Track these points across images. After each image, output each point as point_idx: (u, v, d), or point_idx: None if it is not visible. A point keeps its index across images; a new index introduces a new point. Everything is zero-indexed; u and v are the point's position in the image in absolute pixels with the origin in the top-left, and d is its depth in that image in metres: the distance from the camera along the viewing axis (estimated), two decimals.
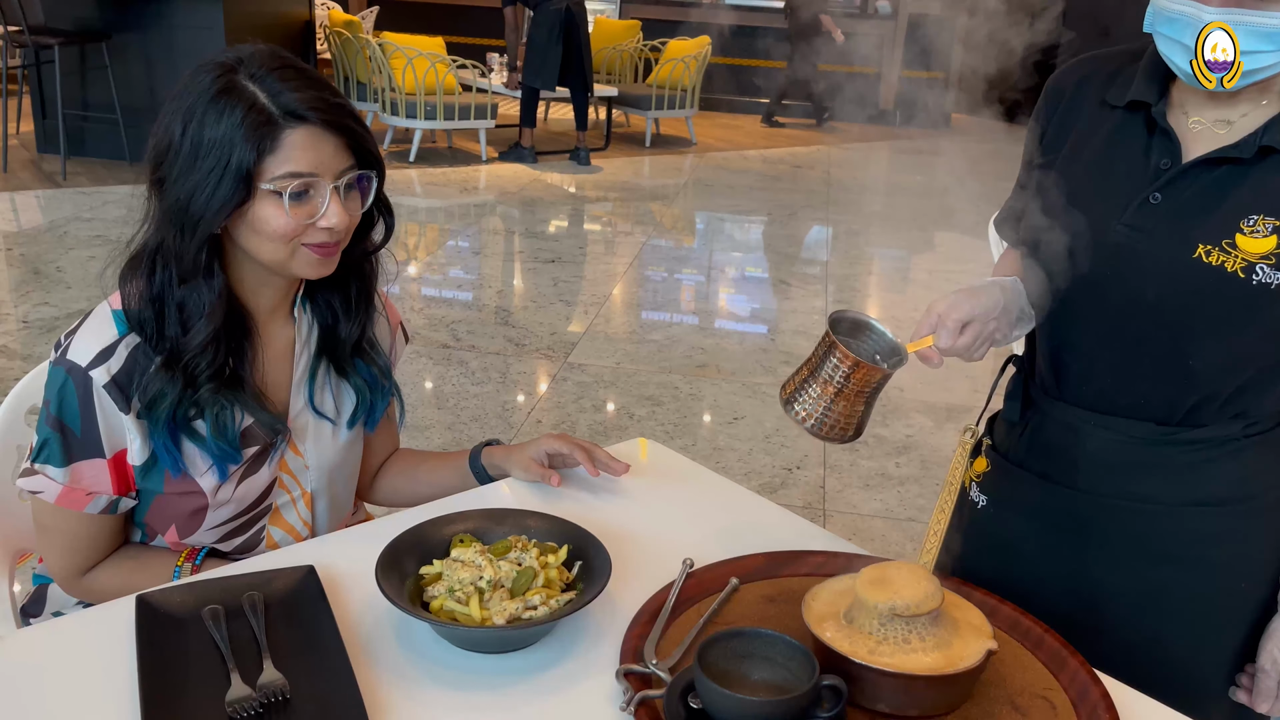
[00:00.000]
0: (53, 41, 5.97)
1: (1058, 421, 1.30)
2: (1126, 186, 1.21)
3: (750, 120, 10.28)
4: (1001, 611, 1.16)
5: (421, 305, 4.71)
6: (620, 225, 6.43)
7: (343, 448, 1.41)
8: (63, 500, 1.23)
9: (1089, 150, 1.26)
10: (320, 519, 1.42)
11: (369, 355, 1.39)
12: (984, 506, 1.40)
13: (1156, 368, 1.21)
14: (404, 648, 1.09)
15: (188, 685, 1.00)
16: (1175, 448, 1.22)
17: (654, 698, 1.00)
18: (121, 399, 1.21)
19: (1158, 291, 1.18)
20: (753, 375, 4.13)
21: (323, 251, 1.23)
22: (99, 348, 1.21)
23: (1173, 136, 1.19)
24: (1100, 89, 1.27)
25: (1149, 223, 1.19)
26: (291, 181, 1.17)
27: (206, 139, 1.15)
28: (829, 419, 1.17)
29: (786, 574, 1.23)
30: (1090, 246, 1.21)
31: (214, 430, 1.24)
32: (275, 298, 1.31)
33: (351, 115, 1.22)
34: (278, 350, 1.34)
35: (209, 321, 1.21)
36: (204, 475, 1.27)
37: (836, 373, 1.15)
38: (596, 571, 1.15)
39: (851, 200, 7.42)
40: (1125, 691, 1.08)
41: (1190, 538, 1.23)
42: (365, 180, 1.25)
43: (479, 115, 7.56)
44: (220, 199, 1.16)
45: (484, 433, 3.47)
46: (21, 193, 5.93)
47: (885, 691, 1.01)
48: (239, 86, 1.17)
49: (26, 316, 4.16)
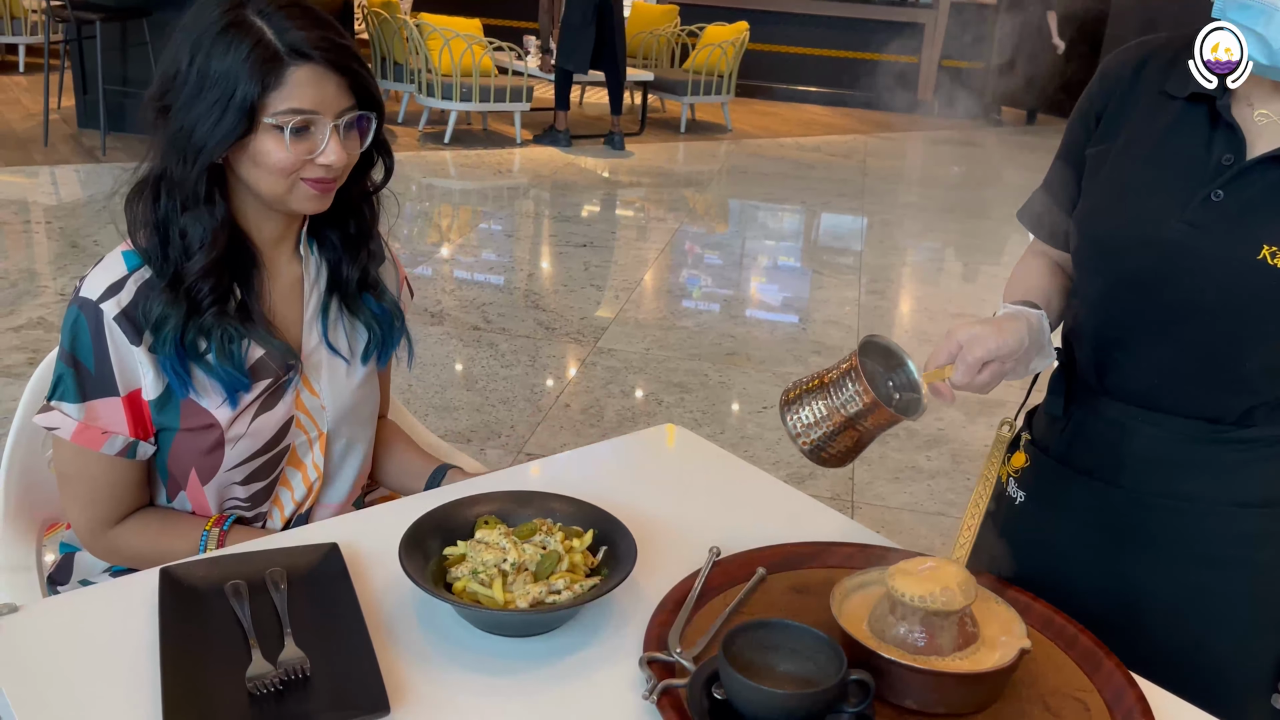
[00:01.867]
0: (94, 17, 6.02)
1: (1103, 417, 1.26)
2: (1186, 182, 1.16)
3: (786, 107, 10.20)
4: (1035, 609, 1.13)
5: (453, 287, 4.72)
6: (653, 211, 6.40)
7: (357, 387, 1.41)
8: (79, 437, 1.24)
9: (1145, 141, 1.21)
10: (336, 464, 1.42)
11: (376, 292, 1.42)
12: (1022, 503, 1.36)
13: (1209, 369, 1.17)
14: (426, 628, 1.08)
15: (209, 660, 1.00)
16: (1224, 446, 1.19)
17: (677, 687, 0.98)
18: (133, 331, 1.23)
19: (1217, 293, 1.13)
20: (783, 364, 4.10)
21: (320, 187, 1.25)
22: (109, 282, 1.24)
23: (1237, 130, 1.14)
24: (1158, 78, 1.22)
25: (1210, 220, 1.13)
26: (293, 117, 1.19)
27: (213, 70, 1.18)
28: (830, 447, 1.11)
29: (815, 565, 1.21)
30: (1145, 243, 1.17)
31: (220, 355, 1.26)
32: (278, 230, 1.33)
33: (355, 56, 1.24)
34: (286, 285, 1.35)
35: (211, 248, 1.23)
36: (218, 407, 1.28)
37: (851, 405, 1.08)
38: (622, 557, 1.13)
39: (887, 190, 7.35)
40: (1162, 695, 1.05)
41: (1236, 539, 1.20)
42: (365, 121, 1.27)
43: (514, 98, 7.55)
44: (223, 130, 1.18)
45: (512, 416, 3.47)
46: (61, 167, 6.00)
47: (914, 688, 0.99)
48: (246, 21, 1.19)
49: (64, 289, 4.20)
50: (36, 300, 4.06)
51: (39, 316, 3.91)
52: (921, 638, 1.01)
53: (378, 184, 1.39)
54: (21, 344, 3.65)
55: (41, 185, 5.68)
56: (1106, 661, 1.05)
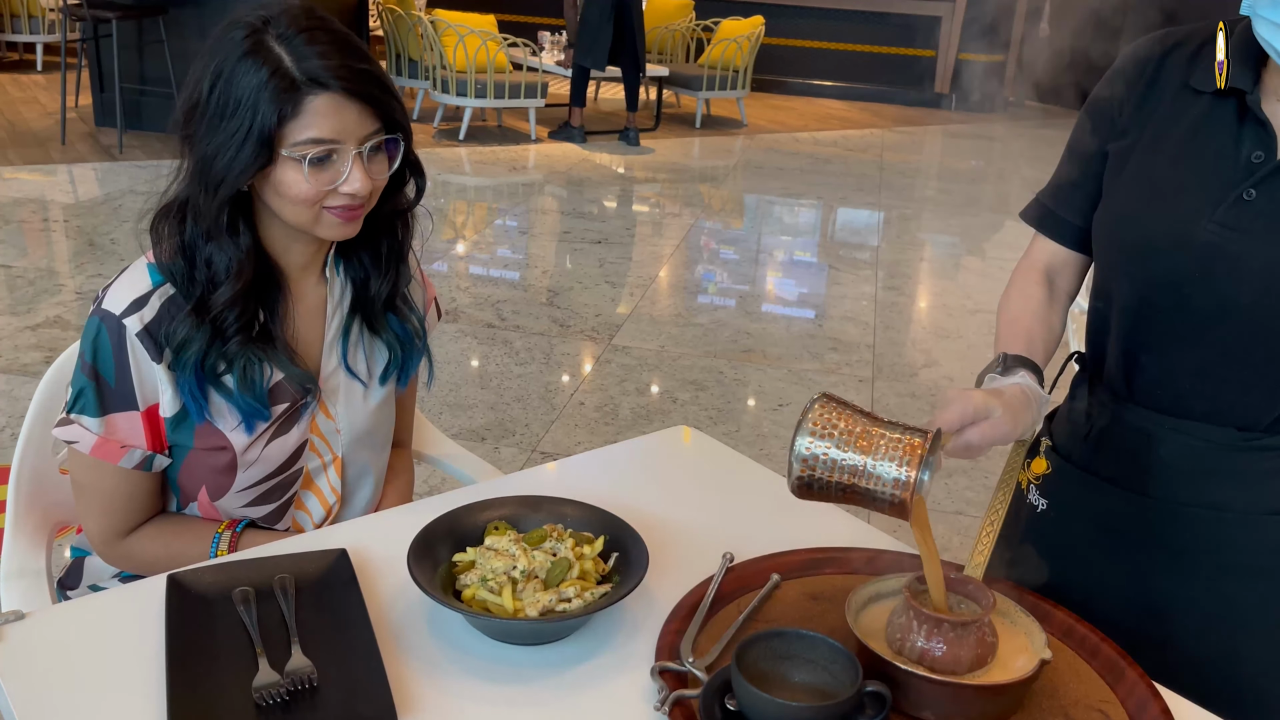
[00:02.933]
0: (110, 15, 6.04)
1: (1129, 425, 1.23)
2: (1216, 181, 1.12)
3: (802, 102, 10.15)
4: (1055, 618, 1.10)
5: (468, 284, 4.71)
6: (668, 207, 6.37)
7: (373, 411, 1.39)
8: (98, 451, 1.23)
9: (1172, 139, 1.17)
10: (351, 488, 1.41)
11: (403, 311, 1.39)
12: (1044, 510, 1.33)
13: (1244, 374, 1.14)
14: (435, 636, 1.07)
15: (215, 668, 0.98)
16: (1256, 454, 1.16)
17: (689, 698, 0.96)
18: (154, 348, 1.22)
19: (1254, 296, 1.10)
20: (799, 361, 4.07)
21: (345, 215, 1.22)
22: (133, 297, 1.22)
23: (1269, 127, 1.10)
24: (1182, 71, 1.18)
25: (1244, 221, 1.10)
26: (313, 148, 1.17)
27: (232, 99, 1.15)
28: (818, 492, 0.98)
29: (830, 571, 1.19)
30: (1177, 245, 1.13)
31: (242, 384, 1.24)
32: (305, 255, 1.31)
33: (377, 82, 1.20)
34: (309, 308, 1.33)
35: (237, 279, 1.21)
36: (233, 431, 1.27)
37: (881, 490, 0.95)
38: (633, 564, 1.11)
39: (905, 185, 7.30)
40: (1189, 708, 1.02)
41: (1268, 548, 1.16)
42: (392, 144, 1.24)
43: (529, 94, 7.54)
44: (243, 161, 1.16)
45: (526, 414, 3.46)
46: (79, 165, 6.02)
47: (931, 700, 0.97)
48: (266, 47, 1.16)
49: (81, 288, 4.22)
50: (55, 299, 4.08)
51: (56, 315, 3.92)
52: (940, 648, 0.99)
53: (411, 202, 1.35)
54: (39, 343, 3.67)
55: (59, 183, 5.70)
56: (1130, 672, 1.03)
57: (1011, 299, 1.31)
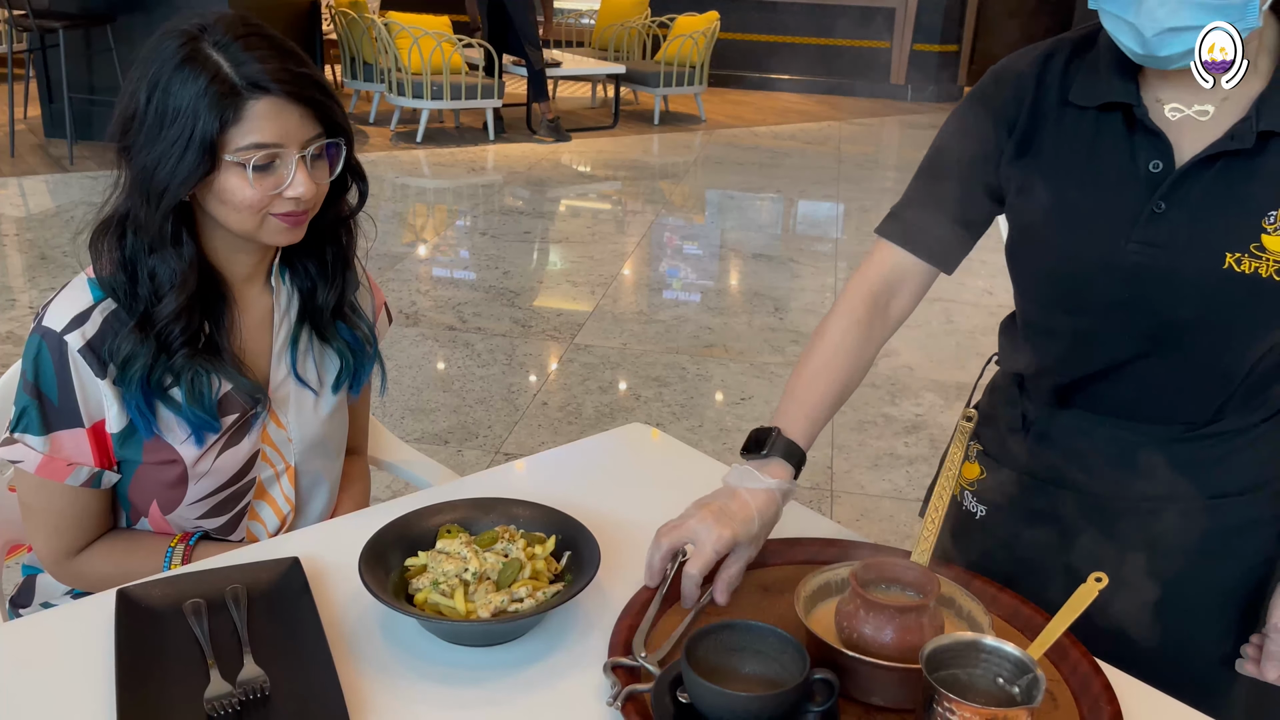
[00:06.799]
0: (57, 25, 5.95)
1: (1068, 427, 1.22)
2: (1123, 199, 1.09)
3: (759, 96, 10.19)
4: (1001, 600, 1.13)
5: (428, 287, 4.69)
6: (629, 204, 6.38)
7: (325, 419, 1.39)
8: (43, 470, 1.22)
9: (1071, 161, 1.13)
10: (305, 496, 1.41)
11: (351, 319, 1.39)
12: (982, 517, 1.31)
13: (1188, 378, 1.13)
14: (388, 641, 1.07)
15: (166, 682, 0.98)
16: (1198, 444, 1.16)
17: (642, 692, 0.97)
18: (97, 364, 1.20)
19: (1195, 310, 1.08)
20: (760, 354, 4.09)
21: (291, 220, 1.22)
22: (74, 313, 1.21)
23: (1161, 136, 1.07)
24: (1059, 87, 1.14)
25: (1162, 236, 1.07)
26: (256, 153, 1.16)
27: (170, 108, 1.14)
28: None
29: (780, 562, 1.20)
30: (1106, 270, 1.10)
31: (190, 397, 1.23)
32: (250, 264, 1.30)
33: (316, 85, 1.20)
34: (256, 318, 1.32)
35: (180, 291, 1.21)
36: (182, 444, 1.26)
37: None
38: (585, 562, 1.12)
39: (864, 176, 7.35)
40: (1129, 682, 1.05)
41: (1212, 531, 1.17)
42: (334, 148, 1.24)
43: (485, 95, 7.52)
44: (185, 170, 1.15)
45: (489, 416, 3.45)
46: (29, 177, 5.94)
47: (879, 684, 0.99)
48: (203, 55, 1.15)
49: (34, 302, 4.16)
50: (7, 314, 4.02)
51: (9, 330, 3.87)
52: (888, 634, 1.01)
53: (353, 208, 1.35)
54: None
55: (9, 196, 5.61)
56: (1073, 651, 1.05)
57: (826, 335, 1.24)
